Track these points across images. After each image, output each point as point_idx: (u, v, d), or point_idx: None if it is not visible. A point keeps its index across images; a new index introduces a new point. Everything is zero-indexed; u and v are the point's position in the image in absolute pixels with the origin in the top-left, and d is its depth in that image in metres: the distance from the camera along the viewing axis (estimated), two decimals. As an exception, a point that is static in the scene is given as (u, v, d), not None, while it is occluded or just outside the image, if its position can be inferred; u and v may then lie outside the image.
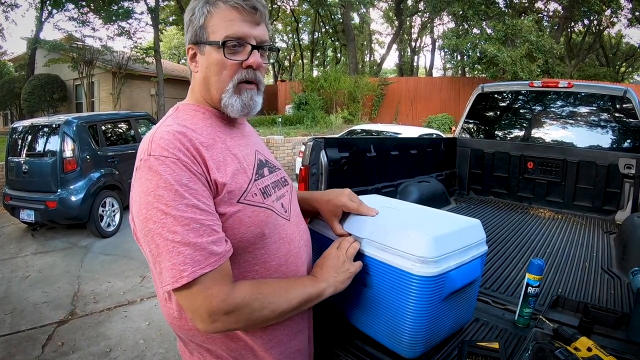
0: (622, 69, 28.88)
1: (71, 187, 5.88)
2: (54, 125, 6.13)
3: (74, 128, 6.00)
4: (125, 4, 17.88)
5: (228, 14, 1.01)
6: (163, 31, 20.67)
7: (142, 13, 20.43)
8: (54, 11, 17.54)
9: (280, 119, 15.52)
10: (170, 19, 22.52)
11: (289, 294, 1.01)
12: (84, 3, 17.06)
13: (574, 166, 3.64)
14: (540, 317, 1.50)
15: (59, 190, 5.84)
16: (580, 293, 2.01)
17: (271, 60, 1.18)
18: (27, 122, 6.56)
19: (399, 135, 8.04)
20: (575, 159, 3.63)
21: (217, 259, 0.89)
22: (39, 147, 6.18)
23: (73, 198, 5.82)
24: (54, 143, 6.01)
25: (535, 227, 3.15)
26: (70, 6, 17.23)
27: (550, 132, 3.90)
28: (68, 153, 5.89)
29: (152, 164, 0.90)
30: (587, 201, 3.63)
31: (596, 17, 20.12)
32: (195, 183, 0.91)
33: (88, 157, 6.10)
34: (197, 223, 0.88)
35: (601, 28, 22.59)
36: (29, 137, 6.32)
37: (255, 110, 1.09)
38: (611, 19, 20.10)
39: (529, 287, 1.53)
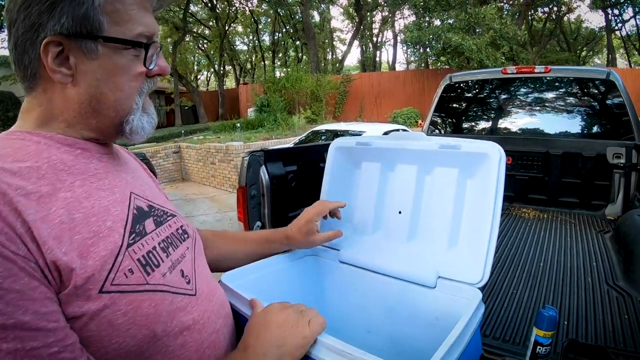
0: (583, 54, 29.39)
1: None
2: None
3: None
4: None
5: None
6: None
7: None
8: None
9: (239, 124, 14.80)
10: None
11: None
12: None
13: (558, 159, 3.30)
14: None
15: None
16: (589, 323, 1.63)
17: None
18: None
19: (363, 134, 7.46)
20: (559, 150, 3.29)
21: None
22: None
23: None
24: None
25: (520, 232, 2.79)
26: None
27: (528, 123, 3.57)
28: None
29: None
30: (574, 196, 3.32)
31: (556, 3, 20.31)
32: (13, 280, 0.49)
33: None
34: (25, 355, 0.48)
35: (561, 14, 22.87)
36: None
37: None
38: (571, 4, 20.33)
39: (538, 346, 1.10)
